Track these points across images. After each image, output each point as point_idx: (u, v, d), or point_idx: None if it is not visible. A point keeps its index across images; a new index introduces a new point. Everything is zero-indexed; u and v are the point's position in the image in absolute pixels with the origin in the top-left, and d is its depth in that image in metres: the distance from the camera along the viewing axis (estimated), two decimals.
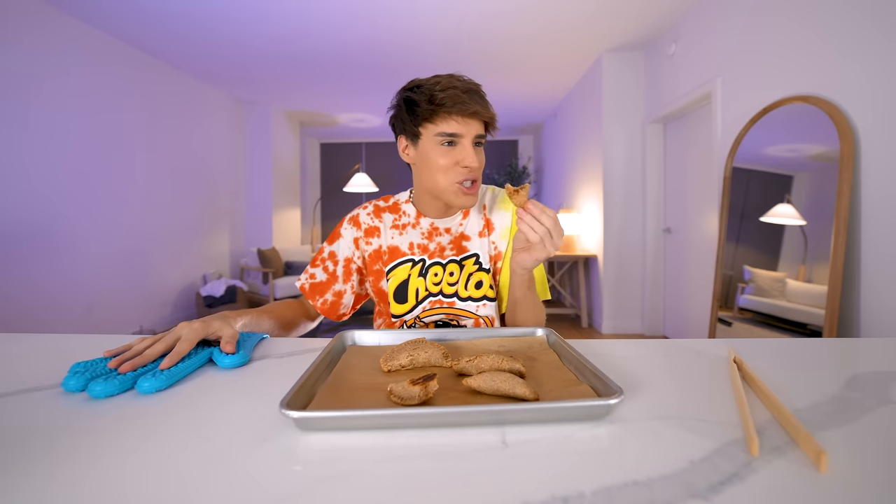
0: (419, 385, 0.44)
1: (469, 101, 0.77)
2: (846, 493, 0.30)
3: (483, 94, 0.80)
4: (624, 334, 3.65)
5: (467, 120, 0.78)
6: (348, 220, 0.92)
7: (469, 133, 0.78)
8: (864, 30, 1.70)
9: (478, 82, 0.82)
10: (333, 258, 0.91)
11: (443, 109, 0.76)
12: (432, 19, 3.11)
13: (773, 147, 2.14)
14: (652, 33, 3.31)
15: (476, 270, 0.87)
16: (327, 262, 0.91)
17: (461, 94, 0.76)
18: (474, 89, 0.79)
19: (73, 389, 0.48)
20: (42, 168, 2.84)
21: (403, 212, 0.91)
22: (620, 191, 3.67)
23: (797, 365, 0.59)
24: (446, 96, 0.76)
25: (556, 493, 0.30)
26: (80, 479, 0.32)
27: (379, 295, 0.90)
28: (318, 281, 0.90)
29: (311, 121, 5.94)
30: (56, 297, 2.94)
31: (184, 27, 3.21)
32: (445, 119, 0.77)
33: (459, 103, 0.76)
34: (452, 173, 0.80)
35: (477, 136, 0.80)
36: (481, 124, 0.80)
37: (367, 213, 0.92)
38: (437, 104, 0.76)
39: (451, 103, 0.76)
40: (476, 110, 0.77)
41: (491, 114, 0.80)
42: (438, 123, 0.78)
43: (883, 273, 1.62)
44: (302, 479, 0.32)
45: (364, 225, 0.91)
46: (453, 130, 0.78)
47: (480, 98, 0.79)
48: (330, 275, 0.90)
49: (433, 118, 0.78)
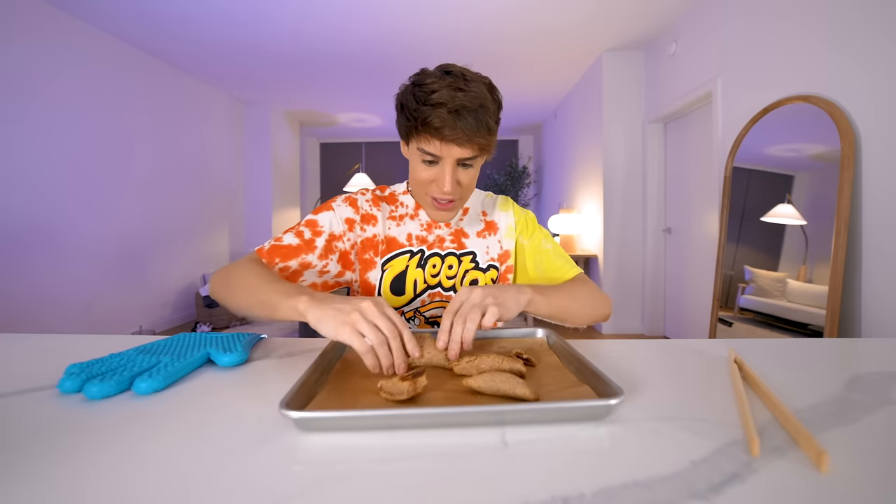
0: (408, 381, 0.44)
1: (456, 126, 0.67)
2: (847, 494, 0.30)
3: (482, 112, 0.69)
4: (624, 335, 3.65)
5: (448, 145, 0.70)
6: (343, 199, 0.84)
7: (450, 156, 0.71)
8: (864, 29, 1.70)
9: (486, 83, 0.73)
10: (314, 227, 0.79)
11: (424, 128, 0.69)
12: (432, 19, 3.11)
13: (773, 147, 2.14)
14: (652, 33, 3.31)
15: (472, 269, 0.85)
16: (302, 229, 0.78)
17: (447, 117, 0.67)
18: (469, 108, 0.68)
19: (69, 391, 0.48)
20: (42, 168, 2.84)
21: (401, 202, 0.87)
22: (620, 191, 3.67)
23: (798, 365, 0.59)
24: (430, 115, 0.68)
25: (556, 494, 0.30)
26: (80, 480, 0.32)
27: (365, 288, 0.83)
28: (284, 244, 0.76)
29: (311, 121, 5.94)
30: (55, 297, 2.94)
31: (184, 27, 3.21)
32: (426, 138, 0.70)
33: (442, 127, 0.67)
34: (429, 188, 0.76)
35: (460, 159, 0.72)
36: (469, 148, 0.71)
37: (366, 199, 0.86)
38: (420, 122, 0.69)
39: (434, 124, 0.68)
40: (457, 137, 0.68)
41: (478, 141, 0.70)
42: (419, 140, 0.72)
43: (884, 273, 1.62)
44: (302, 479, 0.32)
45: (362, 210, 0.84)
46: (432, 151, 0.71)
47: (475, 120, 0.68)
48: (304, 242, 0.77)
49: (415, 134, 0.72)
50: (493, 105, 0.73)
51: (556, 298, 0.70)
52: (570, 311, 0.72)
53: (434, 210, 0.79)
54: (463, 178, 0.75)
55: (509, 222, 0.89)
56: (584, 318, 0.75)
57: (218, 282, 0.71)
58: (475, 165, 0.75)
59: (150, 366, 0.53)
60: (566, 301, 0.72)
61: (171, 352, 0.59)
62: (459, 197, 0.77)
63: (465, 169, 0.75)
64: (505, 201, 0.93)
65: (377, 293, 0.82)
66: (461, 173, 0.75)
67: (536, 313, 0.69)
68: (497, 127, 0.75)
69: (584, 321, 0.75)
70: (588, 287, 0.79)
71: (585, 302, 0.75)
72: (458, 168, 0.74)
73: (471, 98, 0.68)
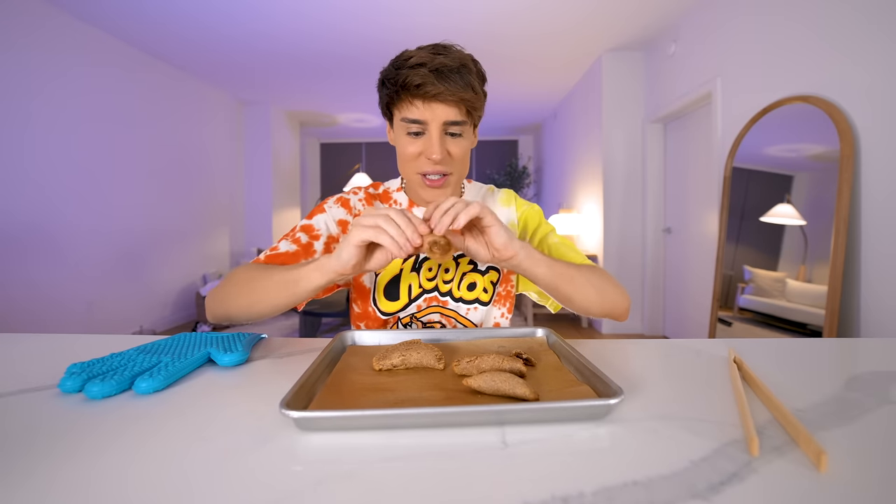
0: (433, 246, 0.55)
1: (437, 83, 0.63)
2: (846, 493, 0.30)
3: (465, 71, 0.66)
4: (624, 334, 3.65)
5: (432, 104, 0.66)
6: (335, 200, 0.81)
7: (435, 119, 0.67)
8: (864, 29, 1.70)
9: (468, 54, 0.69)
10: (310, 231, 0.77)
11: (404, 92, 0.66)
12: (432, 19, 3.11)
13: (773, 147, 2.14)
14: (652, 33, 3.31)
15: (470, 270, 0.80)
16: (299, 234, 0.76)
17: (427, 74, 0.63)
18: (449, 66, 0.65)
19: (70, 390, 0.48)
20: (42, 168, 2.84)
21: (395, 201, 0.83)
22: (620, 191, 3.67)
23: (797, 365, 0.59)
24: (410, 75, 0.64)
25: (556, 493, 0.30)
26: (81, 480, 0.32)
27: (358, 290, 0.80)
28: (282, 251, 0.73)
29: (311, 121, 5.94)
30: (56, 297, 2.94)
31: (184, 27, 3.21)
32: (408, 104, 0.67)
33: (424, 84, 0.63)
34: (417, 164, 0.71)
35: (447, 122, 0.68)
36: (455, 108, 0.67)
37: (359, 199, 0.82)
38: (400, 85, 0.65)
39: (414, 82, 0.64)
40: (440, 92, 0.64)
41: (463, 96, 0.66)
42: (401, 109, 0.68)
43: (883, 273, 1.62)
44: (302, 479, 0.32)
45: (354, 210, 0.81)
46: (415, 117, 0.67)
47: (458, 77, 0.65)
48: (302, 247, 0.75)
49: (397, 102, 0.68)
50: (476, 69, 0.69)
51: (560, 266, 0.65)
52: (575, 285, 0.66)
53: (424, 189, 0.73)
54: (453, 148, 0.70)
55: (511, 218, 0.84)
56: (590, 301, 0.68)
57: (217, 296, 0.69)
58: (464, 135, 0.71)
59: (151, 365, 0.53)
60: (572, 272, 0.66)
61: (172, 351, 0.59)
62: (452, 171, 0.72)
63: (454, 139, 0.70)
64: (507, 195, 0.87)
65: (371, 298, 0.79)
66: (451, 143, 0.70)
67: (533, 271, 0.63)
68: (484, 95, 0.71)
69: (590, 305, 0.69)
70: (602, 273, 0.72)
71: (594, 283, 0.69)
72: (447, 137, 0.70)
73: (451, 59, 0.66)
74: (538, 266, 0.63)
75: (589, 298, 0.68)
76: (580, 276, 0.67)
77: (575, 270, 0.67)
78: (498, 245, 0.59)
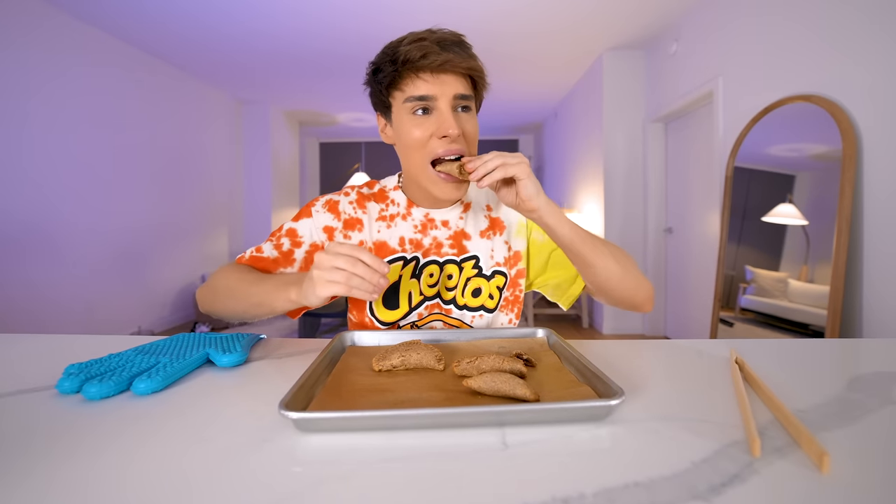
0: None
1: (441, 53, 0.61)
2: (848, 495, 0.30)
3: (465, 45, 0.65)
4: (625, 335, 3.65)
5: (440, 76, 0.63)
6: (323, 204, 0.75)
7: (445, 93, 0.63)
8: (866, 29, 1.70)
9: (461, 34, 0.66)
10: (293, 237, 0.73)
11: (407, 68, 0.62)
12: (432, 18, 3.10)
13: (774, 146, 2.14)
14: (653, 32, 3.30)
15: (475, 276, 0.75)
16: (282, 240, 0.73)
17: (429, 45, 0.61)
18: (449, 39, 0.63)
19: (68, 391, 0.47)
20: (41, 167, 2.84)
21: (392, 200, 0.77)
22: (621, 190, 3.67)
23: (799, 365, 0.59)
24: (411, 49, 0.61)
25: (556, 494, 0.30)
26: (79, 481, 0.32)
27: (353, 300, 0.76)
28: (264, 255, 0.71)
29: (311, 120, 5.94)
30: (54, 298, 2.94)
31: (184, 26, 3.21)
32: (412, 79, 0.63)
33: (428, 54, 0.61)
34: (427, 149, 0.65)
35: (457, 95, 0.64)
36: (463, 81, 0.64)
37: (350, 201, 0.76)
38: (402, 62, 0.62)
39: (416, 55, 0.61)
40: (448, 59, 0.61)
41: (471, 64, 0.63)
42: (405, 87, 0.64)
43: (885, 273, 1.62)
44: (302, 479, 0.32)
45: (344, 215, 0.75)
46: (423, 92, 0.63)
47: (460, 48, 0.63)
48: (282, 254, 0.72)
49: (399, 82, 0.64)
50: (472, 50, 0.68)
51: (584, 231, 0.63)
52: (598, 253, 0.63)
53: (440, 185, 0.67)
54: (467, 125, 0.66)
55: (519, 217, 0.78)
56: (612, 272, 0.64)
57: (204, 296, 0.71)
58: (473, 110, 0.68)
59: (149, 366, 0.53)
60: (596, 240, 0.64)
61: (170, 352, 0.58)
62: (467, 153, 0.67)
63: (465, 113, 0.66)
64: None
65: (368, 307, 0.74)
66: (464, 119, 0.66)
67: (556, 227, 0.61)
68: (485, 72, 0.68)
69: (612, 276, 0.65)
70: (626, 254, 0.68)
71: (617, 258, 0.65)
72: (458, 113, 0.66)
73: (448, 34, 0.64)
74: (561, 225, 0.61)
75: (610, 269, 0.64)
76: (604, 246, 0.65)
77: (599, 240, 0.65)
78: (524, 196, 0.59)
